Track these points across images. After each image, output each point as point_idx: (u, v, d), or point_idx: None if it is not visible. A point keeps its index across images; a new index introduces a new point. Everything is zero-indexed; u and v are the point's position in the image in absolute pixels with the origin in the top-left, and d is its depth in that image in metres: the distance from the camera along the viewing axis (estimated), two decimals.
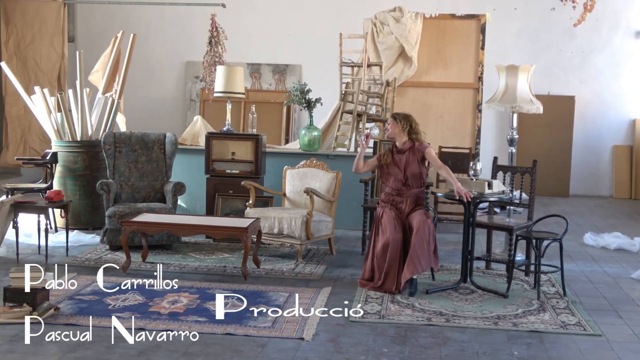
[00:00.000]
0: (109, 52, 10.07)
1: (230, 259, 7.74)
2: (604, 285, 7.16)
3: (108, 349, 5.02)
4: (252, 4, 13.68)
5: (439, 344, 5.35)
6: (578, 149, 13.46)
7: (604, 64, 13.40)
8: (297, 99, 9.18)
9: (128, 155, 8.42)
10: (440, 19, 10.94)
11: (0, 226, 7.49)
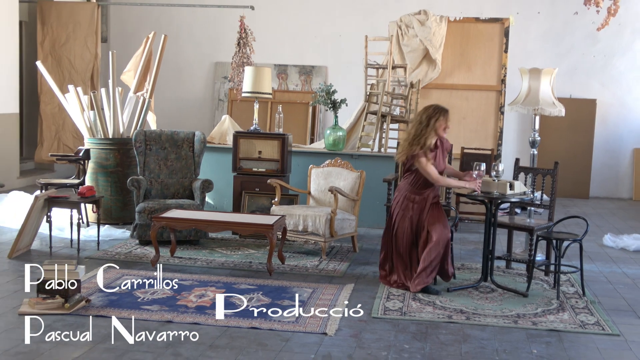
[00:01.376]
0: (140, 53, 10.13)
1: (255, 254, 7.76)
2: (623, 286, 7.12)
3: (137, 342, 5.06)
4: (279, 6, 13.71)
5: (459, 341, 5.34)
6: (599, 151, 13.37)
7: (626, 67, 13.29)
8: (323, 100, 9.18)
9: (158, 153, 8.47)
10: (464, 22, 10.91)
11: (34, 220, 7.57)
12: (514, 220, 7.46)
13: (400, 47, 10.69)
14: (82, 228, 7.92)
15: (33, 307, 5.59)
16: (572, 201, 12.58)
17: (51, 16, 12.26)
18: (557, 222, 7.22)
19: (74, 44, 12.28)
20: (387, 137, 9.99)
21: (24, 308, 5.59)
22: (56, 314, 5.51)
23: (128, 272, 6.84)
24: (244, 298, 6.08)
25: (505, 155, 12.54)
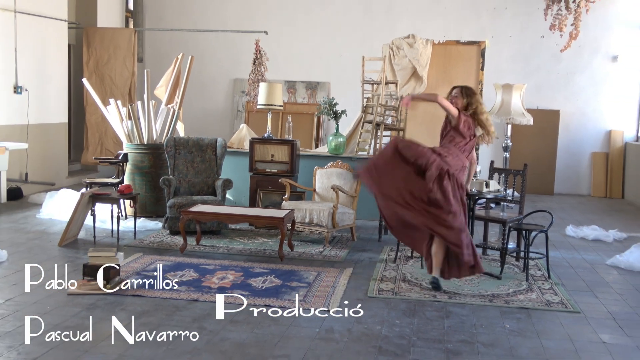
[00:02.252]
0: (171, 71, 10.14)
1: (269, 243, 7.76)
2: (582, 270, 7.11)
3: (168, 317, 5.08)
4: (289, 31, 13.71)
5: (442, 317, 5.35)
6: (562, 154, 13.34)
7: (585, 83, 13.26)
8: (326, 111, 9.18)
9: (186, 156, 8.48)
10: (447, 44, 10.90)
11: (81, 214, 7.59)
12: (489, 214, 7.46)
13: (392, 66, 10.68)
14: (121, 220, 7.93)
15: (80, 288, 5.62)
16: (539, 197, 12.56)
17: (95, 40, 12.29)
18: (526, 215, 7.21)
19: (115, 63, 12.30)
20: (380, 142, 9.97)
21: (72, 289, 5.60)
22: (99, 294, 5.53)
23: (160, 258, 6.86)
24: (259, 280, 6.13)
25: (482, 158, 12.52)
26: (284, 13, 13.83)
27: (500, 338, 4.91)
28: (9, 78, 10.24)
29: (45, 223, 8.49)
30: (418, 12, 13.44)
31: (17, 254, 6.85)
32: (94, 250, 5.84)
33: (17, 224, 8.43)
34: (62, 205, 8.91)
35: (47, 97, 11.22)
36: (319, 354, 4.45)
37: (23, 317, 4.93)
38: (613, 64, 13.22)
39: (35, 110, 10.81)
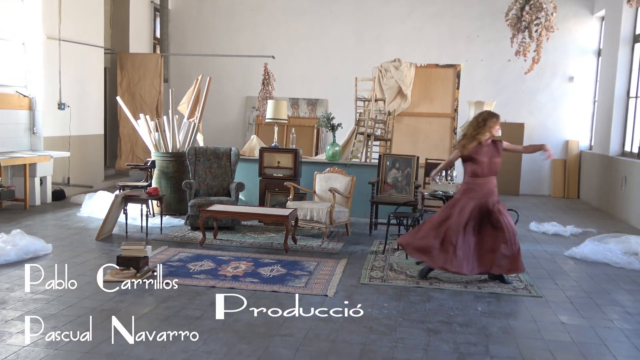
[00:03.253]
0: (192, 90, 10.14)
1: (275, 237, 7.75)
2: (544, 260, 7.11)
3: (190, 301, 5.08)
4: (293, 56, 13.72)
5: (424, 300, 5.35)
6: (526, 161, 13.34)
7: (546, 100, 13.28)
8: (324, 124, 9.18)
9: (204, 163, 8.48)
10: (427, 67, 10.90)
11: (115, 212, 7.59)
12: None
13: (381, 86, 10.69)
14: (149, 218, 7.94)
15: (114, 276, 5.61)
16: (507, 197, 12.56)
17: (127, 64, 12.30)
18: None
19: (144, 83, 12.32)
20: (371, 151, 10.00)
21: (107, 277, 5.59)
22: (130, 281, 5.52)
23: (182, 250, 6.86)
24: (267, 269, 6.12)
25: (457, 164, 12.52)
26: (288, 40, 13.84)
27: (474, 319, 4.91)
28: (54, 96, 10.25)
29: (84, 220, 8.49)
30: (403, 39, 13.46)
31: (61, 247, 6.84)
32: (126, 243, 5.83)
33: (60, 221, 8.43)
34: (99, 205, 8.91)
35: (86, 112, 11.23)
36: (319, 333, 4.45)
37: (66, 301, 4.95)
38: (570, 83, 13.24)
39: (76, 123, 10.82)
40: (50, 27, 10.04)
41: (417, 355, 4.09)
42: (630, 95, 11.19)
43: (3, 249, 6.10)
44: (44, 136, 10.00)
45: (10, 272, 5.74)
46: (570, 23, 13.02)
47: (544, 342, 4.45)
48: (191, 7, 14.24)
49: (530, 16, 6.75)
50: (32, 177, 9.39)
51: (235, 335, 4.33)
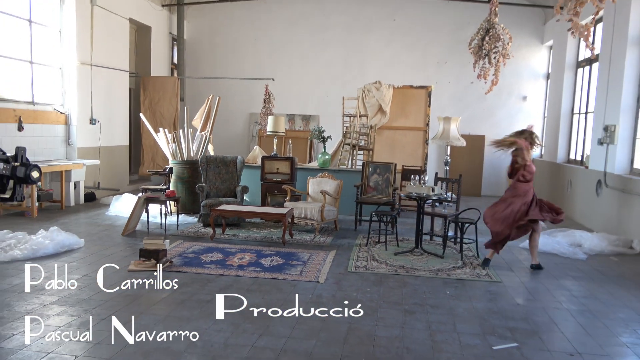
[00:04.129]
0: (204, 107, 10.12)
1: (275, 232, 7.73)
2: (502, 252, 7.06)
3: (201, 287, 5.05)
4: (290, 79, 13.71)
5: (401, 286, 5.34)
6: (487, 167, 13.38)
7: (503, 116, 13.33)
8: (316, 136, 9.18)
9: (214, 170, 8.44)
10: (403, 88, 10.94)
11: (138, 211, 7.55)
12: (435, 211, 7.47)
13: (364, 104, 10.72)
14: (167, 216, 7.89)
15: (137, 266, 5.58)
16: (470, 198, 12.59)
17: (149, 85, 12.25)
18: (461, 211, 7.23)
19: (163, 102, 12.27)
20: (356, 159, 10.01)
21: (131, 267, 5.57)
22: (151, 270, 5.49)
23: (195, 244, 6.82)
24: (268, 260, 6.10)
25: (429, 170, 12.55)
26: (286, 65, 13.83)
27: (443, 301, 4.91)
28: (86, 113, 10.19)
29: (112, 219, 8.43)
30: (383, 64, 13.48)
31: (91, 241, 6.79)
32: (147, 238, 5.81)
33: (91, 219, 8.37)
34: (124, 205, 8.87)
35: (114, 126, 11.17)
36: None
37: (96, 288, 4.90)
38: (523, 102, 13.30)
39: (105, 136, 10.76)
40: (83, 54, 10.00)
41: (395, 332, 4.08)
42: (574, 112, 11.25)
43: (42, 243, 6.06)
44: (77, 147, 9.94)
45: (48, 263, 5.68)
46: (524, 51, 13.09)
47: (503, 321, 4.45)
48: (204, 37, 14.22)
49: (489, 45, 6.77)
50: (67, 181, 9.33)
51: (240, 316, 4.30)
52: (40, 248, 5.96)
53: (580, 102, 10.83)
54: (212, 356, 3.55)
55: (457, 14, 13.19)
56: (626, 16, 8.04)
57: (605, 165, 8.42)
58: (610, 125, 8.28)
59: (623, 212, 7.80)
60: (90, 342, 3.71)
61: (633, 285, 5.69)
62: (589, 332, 4.28)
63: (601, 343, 4.05)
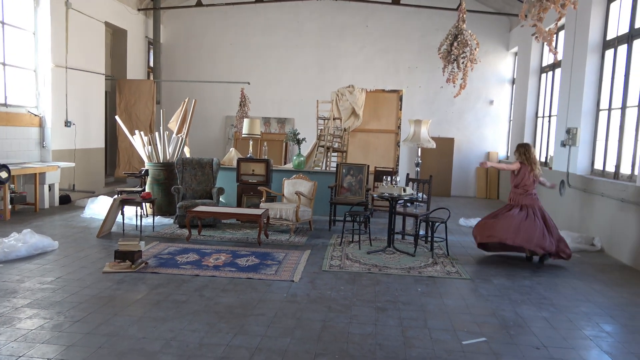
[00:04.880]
0: (180, 110, 9.97)
1: (250, 233, 7.66)
2: (470, 249, 7.18)
3: (177, 288, 4.95)
4: (265, 82, 13.65)
5: (374, 284, 5.33)
6: (456, 168, 13.53)
7: (471, 120, 13.50)
8: (291, 138, 9.14)
9: (190, 171, 8.32)
10: (376, 92, 10.96)
11: (113, 213, 7.38)
12: (406, 210, 7.49)
13: (338, 107, 10.70)
14: (143, 218, 7.76)
15: (112, 267, 5.44)
16: (440, 198, 12.71)
17: (125, 88, 12.02)
18: (431, 211, 7.27)
19: (139, 105, 12.05)
20: (330, 161, 9.99)
21: (106, 268, 5.43)
22: (126, 272, 5.37)
23: (171, 245, 6.70)
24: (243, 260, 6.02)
25: (400, 172, 12.63)
26: (261, 69, 13.76)
27: (415, 298, 4.91)
28: (61, 115, 9.93)
29: (87, 221, 8.23)
30: (356, 69, 13.53)
31: (66, 243, 6.61)
32: (122, 240, 5.67)
33: (66, 221, 8.16)
34: (100, 207, 8.68)
35: (89, 129, 10.92)
36: (287, 312, 4.38)
37: (70, 290, 4.76)
38: (490, 106, 13.49)
39: (81, 138, 10.51)
40: (58, 57, 9.76)
41: (368, 329, 4.07)
42: (538, 115, 11.46)
43: (14, 246, 5.86)
44: (52, 149, 9.68)
45: (21, 266, 5.51)
46: (490, 57, 13.29)
47: (472, 316, 4.48)
48: (180, 41, 14.04)
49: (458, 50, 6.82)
50: (41, 184, 9.08)
51: (215, 316, 4.24)
52: (13, 251, 5.77)
53: (544, 106, 11.04)
54: (187, 356, 3.47)
55: (426, 21, 13.32)
56: (586, 23, 8.22)
57: (568, 166, 8.59)
58: (572, 128, 8.45)
59: (585, 210, 7.96)
60: (63, 345, 3.58)
61: (595, 280, 5.80)
62: (554, 325, 4.33)
63: (565, 336, 4.11)
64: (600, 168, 8.03)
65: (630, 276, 6.05)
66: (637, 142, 6.90)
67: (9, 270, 5.35)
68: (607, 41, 8.00)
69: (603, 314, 4.68)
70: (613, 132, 7.72)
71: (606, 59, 8.04)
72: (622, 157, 7.39)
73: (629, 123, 7.27)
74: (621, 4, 7.72)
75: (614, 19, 7.90)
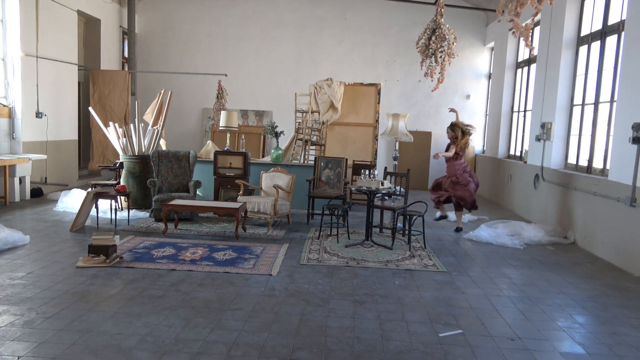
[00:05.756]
0: (155, 102, 9.80)
1: (228, 226, 7.60)
2: (447, 242, 7.25)
3: (152, 282, 4.88)
4: (243, 74, 13.52)
5: (352, 277, 5.34)
6: (433, 162, 13.63)
7: (448, 114, 13.57)
8: (269, 131, 9.08)
9: (166, 164, 8.20)
10: (354, 85, 10.94)
11: (87, 207, 7.24)
12: (384, 204, 7.52)
13: (316, 100, 10.66)
14: (117, 211, 7.63)
15: (85, 262, 5.34)
16: (418, 192, 12.79)
17: (99, 79, 11.77)
18: (409, 204, 7.31)
19: (113, 96, 11.81)
20: (308, 154, 9.96)
21: (79, 263, 5.32)
22: (100, 267, 5.27)
23: (147, 239, 6.61)
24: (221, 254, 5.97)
25: (379, 165, 12.69)
26: (239, 61, 13.62)
27: (392, 291, 4.94)
28: (32, 106, 9.67)
29: (60, 214, 8.06)
30: (334, 62, 13.50)
31: (38, 238, 6.46)
32: (96, 234, 5.56)
33: (38, 215, 7.97)
34: (73, 200, 8.51)
35: (62, 120, 10.67)
36: (264, 306, 4.36)
37: (42, 285, 4.66)
38: (467, 100, 13.62)
39: (53, 130, 10.27)
40: (28, 45, 9.48)
41: (346, 323, 4.07)
42: (514, 110, 11.61)
43: None
44: (23, 141, 9.42)
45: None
46: (467, 52, 13.41)
47: (449, 309, 4.52)
48: (155, 31, 13.80)
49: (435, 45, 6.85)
50: (11, 177, 8.85)
51: (192, 311, 4.19)
52: None
53: (520, 100, 11.19)
54: (163, 352, 3.42)
55: (405, 15, 13.35)
56: (561, 20, 8.34)
57: (542, 160, 8.73)
58: (546, 122, 8.59)
59: (558, 204, 8.11)
60: (34, 342, 3.50)
61: (568, 272, 5.92)
62: (528, 317, 4.41)
63: (539, 328, 4.18)
64: (573, 162, 8.19)
65: (603, 268, 6.19)
66: (609, 137, 7.05)
67: None
68: (581, 37, 8.13)
69: (576, 305, 4.78)
70: (586, 127, 7.86)
71: (580, 55, 8.17)
72: (595, 152, 7.55)
73: (602, 118, 7.42)
74: (595, 1, 7.85)
75: (588, 15, 8.04)
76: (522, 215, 9.66)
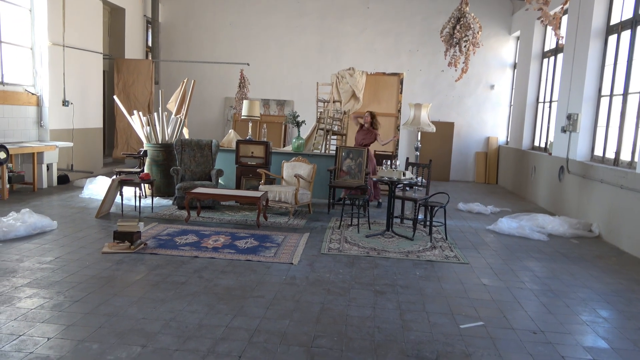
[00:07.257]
0: (179, 90, 9.91)
1: (249, 215, 7.67)
2: (469, 234, 7.21)
3: (175, 269, 4.96)
4: (265, 63, 13.54)
5: (372, 267, 5.35)
6: (455, 153, 13.52)
7: (472, 104, 13.45)
8: (291, 121, 9.10)
9: (189, 153, 8.29)
10: (376, 75, 10.88)
11: (112, 194, 7.37)
12: (406, 194, 7.50)
13: (338, 89, 10.63)
14: (142, 199, 7.75)
15: (111, 248, 5.45)
16: (440, 183, 12.72)
17: (123, 68, 11.92)
18: (430, 195, 7.27)
19: (138, 85, 11.96)
20: (329, 144, 9.96)
21: (105, 249, 5.44)
22: (125, 252, 5.38)
23: (170, 226, 6.71)
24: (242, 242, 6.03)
25: (400, 156, 12.62)
26: (261, 50, 13.64)
27: (413, 282, 4.94)
28: (59, 94, 9.86)
29: (85, 201, 8.23)
30: (357, 51, 13.42)
31: (65, 223, 6.61)
32: (121, 220, 5.67)
33: (64, 201, 8.15)
34: (99, 188, 8.67)
35: (87, 108, 10.85)
36: (285, 294, 4.40)
37: (69, 270, 4.77)
38: (491, 90, 13.43)
39: (79, 118, 10.45)
40: (55, 34, 9.64)
41: (367, 312, 4.09)
42: (539, 100, 11.42)
43: (13, 225, 5.86)
44: (50, 129, 9.62)
45: (20, 245, 5.51)
46: (492, 41, 13.19)
47: (469, 300, 4.51)
48: (179, 20, 13.88)
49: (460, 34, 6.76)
50: (39, 163, 9.05)
51: (215, 298, 4.25)
52: (12, 230, 5.77)
53: (545, 91, 10.99)
54: (187, 337, 3.49)
55: (429, 3, 13.18)
56: (590, 9, 8.14)
57: (567, 152, 8.58)
58: (573, 114, 8.42)
59: (583, 197, 7.98)
60: (63, 325, 3.60)
61: (592, 266, 5.83)
62: (551, 310, 4.37)
63: (562, 321, 4.14)
64: (600, 154, 8.03)
65: (628, 262, 6.09)
66: (638, 129, 6.89)
67: (8, 249, 5.35)
68: (611, 26, 7.93)
69: (600, 299, 4.72)
70: (614, 119, 7.70)
71: (609, 44, 7.98)
72: (623, 144, 7.39)
73: (630, 110, 7.25)
74: None
75: (618, 4, 7.83)
76: (545, 207, 9.53)
